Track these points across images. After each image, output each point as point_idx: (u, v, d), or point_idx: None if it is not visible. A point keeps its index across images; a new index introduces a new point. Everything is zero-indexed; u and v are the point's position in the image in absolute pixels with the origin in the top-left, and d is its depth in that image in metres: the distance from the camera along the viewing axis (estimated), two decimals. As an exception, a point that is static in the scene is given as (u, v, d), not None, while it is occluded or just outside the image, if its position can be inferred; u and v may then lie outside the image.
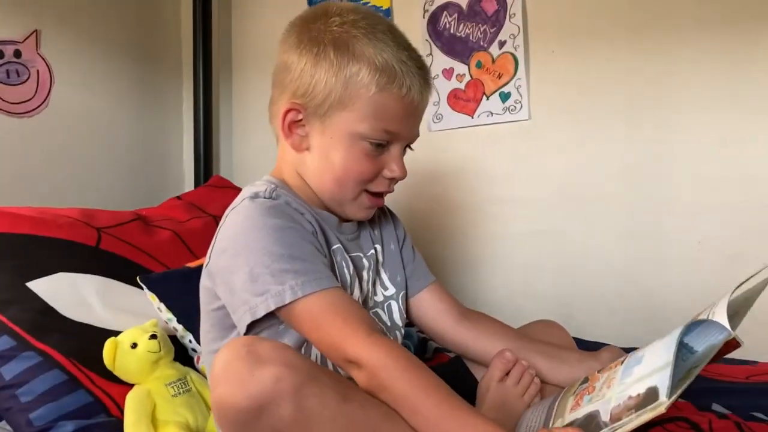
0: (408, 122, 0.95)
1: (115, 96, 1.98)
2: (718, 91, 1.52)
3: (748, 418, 1.08)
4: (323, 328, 0.83)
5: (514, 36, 1.72)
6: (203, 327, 0.99)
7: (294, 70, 0.92)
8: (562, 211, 1.72)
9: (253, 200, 0.90)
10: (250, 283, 0.84)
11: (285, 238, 0.86)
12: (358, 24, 0.92)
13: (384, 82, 0.90)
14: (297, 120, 0.94)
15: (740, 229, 1.52)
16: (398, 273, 1.09)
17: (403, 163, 0.97)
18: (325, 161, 0.94)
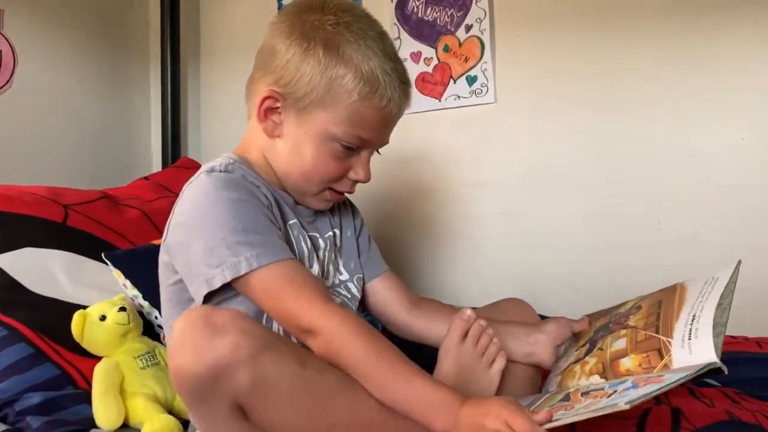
0: (382, 131, 0.98)
1: (81, 77, 1.96)
2: (677, 76, 1.56)
3: (700, 384, 1.13)
4: (279, 298, 0.85)
5: (481, 20, 1.74)
6: (162, 302, 1.00)
7: (280, 57, 0.93)
8: (527, 193, 1.75)
9: (209, 174, 0.91)
10: (206, 255, 0.85)
11: (240, 210, 0.87)
12: (352, 27, 0.92)
13: (366, 92, 0.91)
14: (274, 107, 0.95)
15: (697, 210, 1.56)
16: (352, 260, 1.11)
17: (369, 167, 0.99)
18: (295, 153, 0.96)
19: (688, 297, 0.91)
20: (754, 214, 1.50)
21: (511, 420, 0.72)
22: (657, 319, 0.90)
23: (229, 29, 2.16)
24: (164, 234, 0.96)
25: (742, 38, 1.49)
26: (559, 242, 1.73)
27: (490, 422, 0.73)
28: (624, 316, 0.99)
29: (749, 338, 1.34)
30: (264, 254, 0.85)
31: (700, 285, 0.92)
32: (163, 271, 0.97)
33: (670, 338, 0.82)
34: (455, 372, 0.95)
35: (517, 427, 0.71)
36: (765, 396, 1.06)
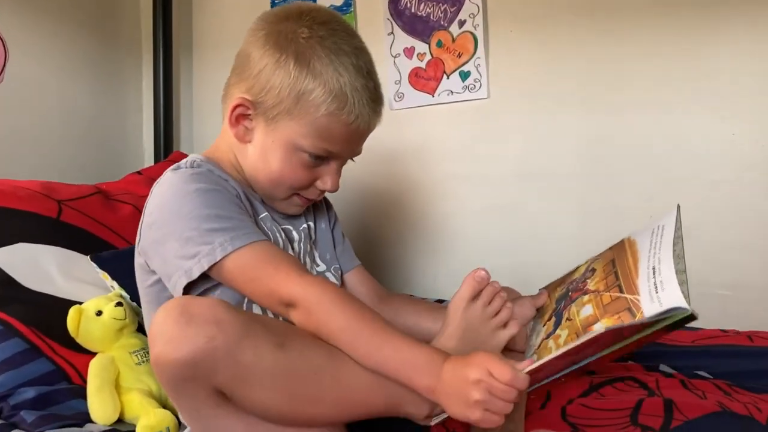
0: (349, 145, 0.99)
1: (73, 72, 1.95)
2: (670, 72, 1.57)
3: (692, 376, 1.14)
4: (257, 277, 0.86)
5: (474, 15, 1.75)
6: (143, 305, 1.01)
7: (253, 66, 0.94)
8: (519, 187, 1.76)
9: (175, 171, 0.93)
10: (181, 247, 0.86)
11: (210, 199, 0.88)
12: (325, 42, 0.93)
13: (334, 108, 0.92)
14: (245, 114, 0.97)
15: (689, 205, 1.56)
16: (328, 251, 1.13)
17: (338, 178, 1.01)
18: (263, 160, 0.98)
19: (641, 250, 0.90)
20: (745, 209, 1.51)
21: (493, 368, 0.73)
22: (616, 278, 0.90)
23: (222, 23, 2.16)
24: (137, 237, 0.97)
25: (735, 34, 1.50)
26: (552, 237, 1.74)
27: (472, 372, 0.73)
28: (581, 281, 0.98)
29: (740, 332, 1.35)
30: (237, 237, 0.86)
31: (648, 236, 0.92)
32: (140, 273, 0.99)
33: (637, 295, 0.82)
34: (461, 331, 0.93)
35: (499, 374, 0.72)
36: (756, 388, 1.07)
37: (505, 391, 0.72)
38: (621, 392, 1.08)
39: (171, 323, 0.74)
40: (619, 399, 1.04)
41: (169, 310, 0.75)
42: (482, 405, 0.73)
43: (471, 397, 0.73)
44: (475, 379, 0.73)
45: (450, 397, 0.75)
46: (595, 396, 1.07)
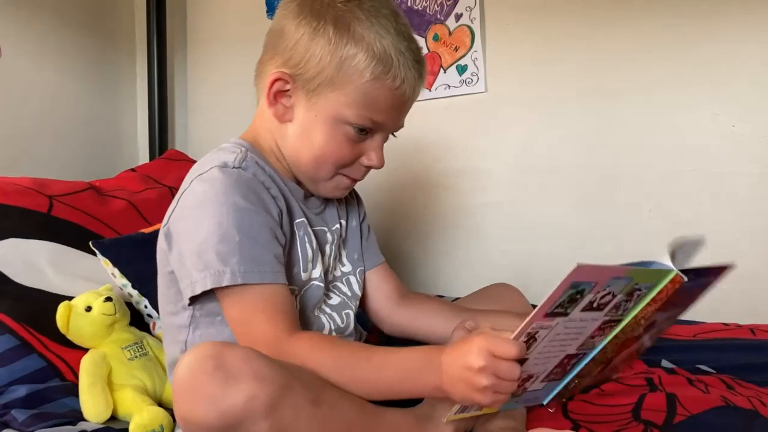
0: (395, 114, 0.94)
1: (67, 69, 1.94)
2: (669, 64, 1.55)
3: (694, 371, 1.13)
4: (247, 321, 0.83)
5: (471, 8, 1.73)
6: (160, 289, 0.98)
7: (289, 38, 0.89)
8: (518, 182, 1.75)
9: (222, 170, 0.86)
10: (196, 256, 0.83)
11: (243, 220, 0.83)
12: (363, 5, 0.89)
13: (379, 71, 0.87)
14: (284, 90, 0.91)
15: (688, 198, 1.56)
16: (356, 250, 1.09)
17: (383, 152, 0.96)
18: (305, 138, 0.92)
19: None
20: (745, 201, 1.50)
21: (494, 348, 0.70)
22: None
23: (216, 20, 2.14)
24: (165, 219, 0.92)
25: (734, 26, 1.49)
26: (551, 231, 1.72)
27: (474, 360, 0.71)
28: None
29: (742, 325, 1.34)
30: (251, 272, 0.82)
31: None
32: (161, 257, 0.95)
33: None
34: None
35: (501, 352, 0.70)
36: (760, 381, 1.05)
37: (510, 370, 0.70)
38: (623, 388, 1.07)
39: (206, 378, 0.68)
40: (621, 395, 1.03)
41: (200, 360, 0.69)
42: (492, 389, 0.71)
43: (479, 384, 0.70)
44: (480, 366, 0.70)
45: (457, 387, 0.73)
46: (596, 392, 1.05)
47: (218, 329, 0.90)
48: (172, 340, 0.96)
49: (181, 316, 0.93)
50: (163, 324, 1.00)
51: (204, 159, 0.93)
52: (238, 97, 2.11)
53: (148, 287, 1.24)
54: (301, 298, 0.95)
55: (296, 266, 0.94)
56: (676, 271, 0.72)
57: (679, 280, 0.72)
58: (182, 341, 0.93)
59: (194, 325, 0.92)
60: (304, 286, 0.95)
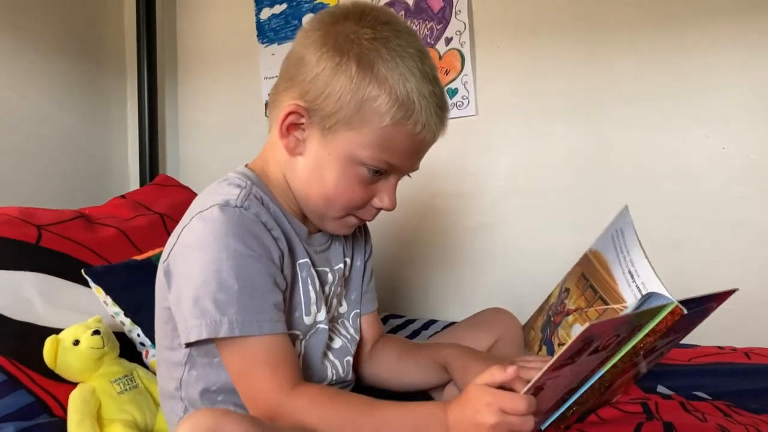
0: (413, 158, 0.91)
1: (55, 95, 1.93)
2: (659, 86, 1.56)
3: (690, 397, 1.12)
4: (248, 373, 0.81)
5: (460, 33, 1.74)
6: (157, 322, 0.95)
7: (309, 70, 0.85)
8: (509, 204, 1.75)
9: (222, 209, 0.82)
10: (192, 302, 0.80)
11: (242, 267, 0.80)
12: (390, 44, 0.84)
13: (400, 116, 0.83)
14: (298, 123, 0.88)
15: (680, 219, 1.56)
16: (355, 290, 1.07)
17: (395, 195, 0.93)
18: (316, 174, 0.89)
19: (609, 257, 0.89)
20: (736, 222, 1.50)
21: (504, 404, 0.70)
22: (594, 292, 0.88)
23: (206, 45, 2.14)
24: (165, 254, 0.89)
25: (722, 52, 1.50)
26: (543, 253, 1.72)
27: (485, 416, 0.71)
28: (558, 304, 0.97)
29: (737, 348, 1.33)
30: (249, 323, 0.80)
31: (609, 243, 0.92)
32: (159, 292, 0.92)
33: (624, 303, 0.80)
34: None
35: (512, 407, 0.70)
36: (757, 408, 1.04)
37: (524, 423, 0.70)
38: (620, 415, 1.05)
39: None
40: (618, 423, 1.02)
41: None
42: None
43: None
44: (493, 423, 0.70)
45: None
46: (593, 419, 1.04)
47: (215, 371, 0.88)
48: (166, 374, 0.95)
49: (177, 352, 0.90)
50: (158, 356, 0.98)
51: (207, 191, 0.89)
52: (228, 121, 2.12)
53: (140, 315, 1.22)
54: (306, 344, 0.93)
55: (298, 310, 0.91)
56: (676, 303, 0.72)
57: (678, 312, 0.72)
58: (177, 378, 0.92)
59: (190, 364, 0.90)
60: (309, 330, 0.93)
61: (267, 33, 2.01)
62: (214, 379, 0.89)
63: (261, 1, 2.01)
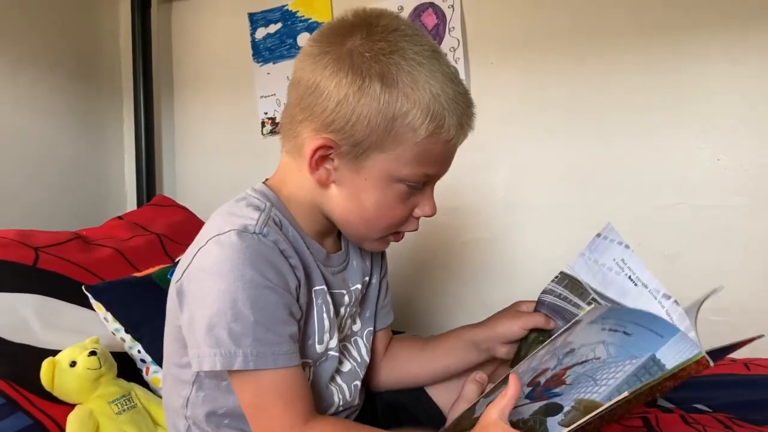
0: (447, 163, 0.89)
1: (51, 116, 1.93)
2: (653, 99, 1.57)
3: (690, 410, 1.11)
4: (262, 406, 0.80)
5: (455, 49, 1.75)
6: (167, 338, 0.94)
7: (329, 98, 0.80)
8: (507, 218, 1.75)
9: (240, 236, 0.79)
10: (206, 330, 0.78)
11: (259, 299, 0.78)
12: (407, 53, 0.80)
13: (433, 127, 0.80)
14: (327, 155, 0.83)
15: (677, 231, 1.56)
16: (370, 308, 1.05)
17: (434, 200, 0.91)
18: (354, 201, 0.85)
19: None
20: (732, 234, 1.51)
21: None
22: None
23: (202, 64, 2.15)
24: (179, 272, 0.87)
25: (715, 64, 1.51)
26: (541, 266, 1.71)
27: None
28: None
29: (736, 359, 1.33)
30: (264, 356, 0.78)
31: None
32: (172, 309, 0.89)
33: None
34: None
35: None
36: (758, 420, 1.04)
37: None
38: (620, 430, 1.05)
39: None
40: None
41: None
42: None
43: None
44: None
45: None
46: (593, 434, 1.04)
47: (223, 395, 0.87)
48: (173, 390, 0.93)
49: (185, 371, 0.89)
50: (165, 370, 0.96)
51: (225, 211, 0.86)
52: (225, 140, 2.12)
53: (140, 331, 1.22)
54: (315, 370, 0.92)
55: (311, 339, 0.90)
56: (704, 353, 0.68)
57: (705, 363, 0.69)
58: (184, 397, 0.91)
59: (198, 384, 0.89)
60: (319, 358, 0.92)
61: (262, 52, 2.02)
62: (221, 403, 0.87)
63: (256, 21, 2.02)
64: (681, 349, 0.71)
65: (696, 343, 0.70)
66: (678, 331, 0.73)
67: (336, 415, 0.94)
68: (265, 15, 2.02)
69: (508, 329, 1.00)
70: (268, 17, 2.01)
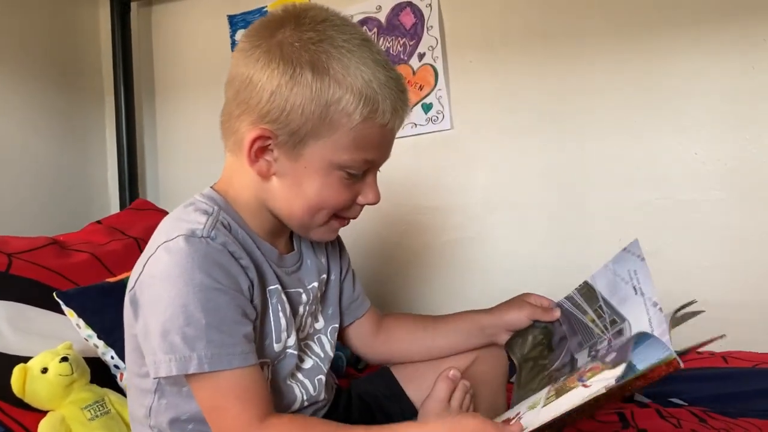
0: (386, 148, 0.89)
1: (33, 121, 1.92)
2: (630, 95, 1.58)
3: (666, 404, 1.12)
4: (220, 408, 0.80)
5: (433, 48, 1.75)
6: (127, 348, 0.93)
7: (262, 90, 0.81)
8: (488, 217, 1.75)
9: (188, 241, 0.79)
10: (160, 336, 0.78)
11: (210, 301, 0.78)
12: (335, 41, 0.81)
13: (367, 111, 0.81)
14: (265, 146, 0.84)
15: (656, 227, 1.57)
16: (332, 306, 1.06)
17: (377, 187, 0.91)
18: (296, 190, 0.86)
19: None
20: (712, 227, 1.51)
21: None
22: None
23: (183, 68, 2.15)
24: (131, 282, 0.87)
25: (692, 62, 1.52)
26: (522, 264, 1.72)
27: None
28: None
29: (715, 353, 1.33)
30: (219, 357, 0.78)
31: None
32: (128, 320, 0.89)
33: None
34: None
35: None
36: (732, 412, 1.04)
37: None
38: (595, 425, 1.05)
39: None
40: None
41: None
42: None
43: None
44: None
45: None
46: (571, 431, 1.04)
47: (185, 400, 0.86)
48: (136, 400, 0.93)
49: (146, 380, 0.89)
50: (128, 381, 0.96)
51: (173, 216, 0.87)
52: (206, 143, 2.11)
53: (113, 337, 1.21)
54: (273, 369, 0.91)
55: (268, 338, 0.90)
56: (675, 356, 0.70)
57: (675, 364, 0.70)
58: (146, 406, 0.90)
59: (160, 392, 0.89)
60: (277, 357, 0.91)
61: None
62: (184, 408, 0.87)
63: (235, 23, 2.02)
64: (653, 351, 0.73)
65: (667, 345, 0.72)
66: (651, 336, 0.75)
67: (301, 410, 0.94)
68: (245, 17, 2.01)
69: (516, 318, 1.05)
70: (247, 19, 2.01)
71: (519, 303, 1.07)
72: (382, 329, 1.12)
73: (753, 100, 1.47)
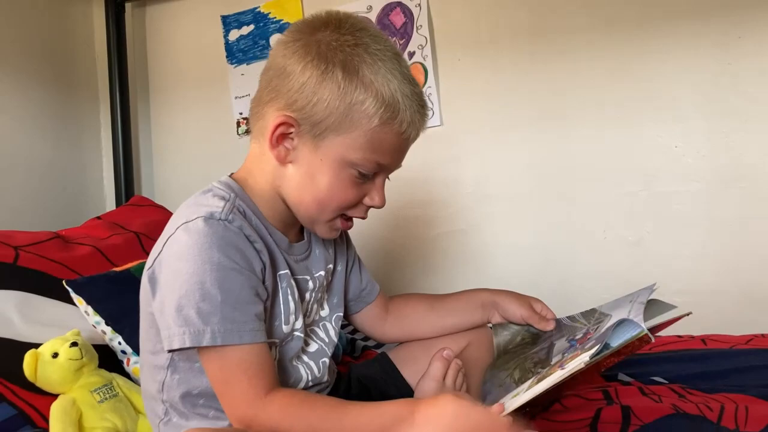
0: (399, 156, 0.94)
1: (29, 122, 1.95)
2: (614, 89, 1.64)
3: (648, 382, 1.17)
4: (229, 383, 0.84)
5: (422, 47, 1.80)
6: (142, 326, 0.97)
7: (294, 79, 0.87)
8: (478, 211, 1.81)
9: (207, 222, 0.84)
10: (176, 311, 0.83)
11: (225, 279, 0.83)
12: (370, 48, 0.87)
13: (387, 117, 0.86)
14: (287, 133, 0.89)
15: (639, 218, 1.63)
16: (337, 295, 1.10)
17: (384, 192, 0.96)
18: (309, 180, 0.91)
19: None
20: (693, 218, 1.57)
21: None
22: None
23: (178, 66, 2.18)
24: (150, 260, 0.92)
25: (672, 58, 1.58)
26: (512, 256, 1.78)
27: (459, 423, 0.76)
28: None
29: (695, 336, 1.39)
30: (231, 332, 0.83)
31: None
32: (144, 297, 0.94)
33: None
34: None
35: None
36: (709, 388, 1.10)
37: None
38: (581, 402, 1.11)
39: None
40: (579, 410, 1.07)
41: None
42: None
43: None
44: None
45: None
46: (556, 408, 1.09)
47: (197, 376, 0.91)
48: (149, 377, 0.97)
49: (160, 356, 0.93)
50: (141, 359, 1.00)
51: (192, 201, 0.91)
52: (201, 141, 2.15)
53: (121, 323, 1.26)
54: (280, 349, 0.96)
55: (278, 319, 0.94)
56: (646, 331, 0.76)
57: (646, 339, 0.77)
58: (159, 381, 0.95)
59: (172, 368, 0.93)
60: (285, 338, 0.96)
61: (236, 54, 2.06)
62: (195, 384, 0.92)
63: (229, 23, 2.06)
64: (625, 330, 0.80)
65: (639, 323, 0.78)
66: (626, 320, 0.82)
67: (306, 390, 0.99)
68: (238, 17, 2.06)
69: (512, 311, 1.12)
70: (240, 19, 2.05)
71: (523, 301, 1.12)
72: (392, 311, 1.19)
73: (729, 95, 1.54)
